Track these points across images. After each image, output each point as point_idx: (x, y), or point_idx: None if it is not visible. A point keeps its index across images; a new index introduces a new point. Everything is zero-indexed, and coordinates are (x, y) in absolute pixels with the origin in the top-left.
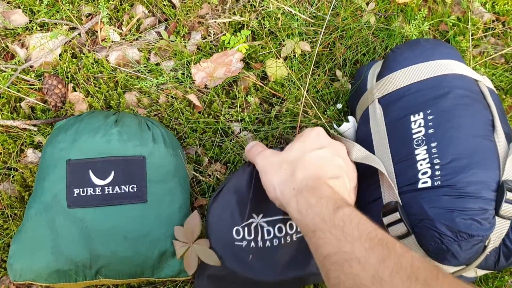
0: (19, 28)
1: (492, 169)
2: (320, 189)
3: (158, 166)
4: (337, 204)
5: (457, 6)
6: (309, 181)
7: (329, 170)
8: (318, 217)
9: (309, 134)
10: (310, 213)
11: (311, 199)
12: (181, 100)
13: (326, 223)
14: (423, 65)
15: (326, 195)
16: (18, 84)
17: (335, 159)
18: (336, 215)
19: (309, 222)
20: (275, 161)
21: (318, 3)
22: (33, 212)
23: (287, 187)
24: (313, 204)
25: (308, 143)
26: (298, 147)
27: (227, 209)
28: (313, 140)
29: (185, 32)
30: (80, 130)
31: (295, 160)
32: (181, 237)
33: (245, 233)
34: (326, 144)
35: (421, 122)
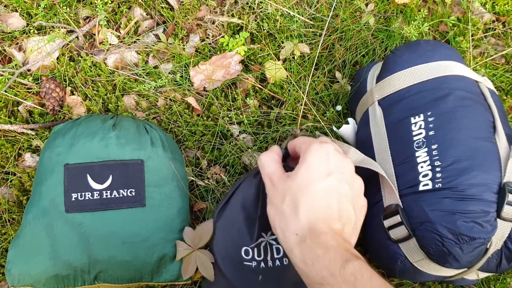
0: (16, 32)
1: (493, 171)
2: (325, 236)
3: (156, 169)
4: (346, 257)
5: (457, 7)
6: (313, 226)
7: (335, 208)
8: (326, 271)
9: (317, 155)
10: (317, 265)
11: (317, 249)
12: (179, 103)
13: (336, 277)
14: (423, 66)
15: (333, 246)
16: (15, 88)
17: (342, 188)
18: (346, 269)
19: (316, 274)
20: (280, 192)
21: (317, 4)
22: (31, 217)
23: (290, 232)
24: (320, 256)
25: (314, 168)
26: (303, 173)
27: (234, 227)
28: (320, 163)
29: (183, 34)
30: (77, 134)
31: (299, 192)
32: (188, 239)
33: (254, 253)
34: (334, 169)
35: (421, 124)
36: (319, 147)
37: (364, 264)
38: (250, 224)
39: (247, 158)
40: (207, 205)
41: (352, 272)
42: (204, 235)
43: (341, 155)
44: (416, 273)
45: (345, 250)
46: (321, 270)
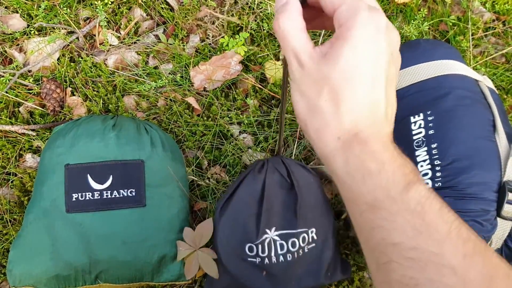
0: (17, 33)
1: (493, 170)
2: (377, 146)
3: (156, 170)
4: (408, 178)
5: (457, 6)
6: (360, 130)
7: (383, 104)
8: (382, 192)
9: (366, 30)
10: (369, 182)
11: (369, 163)
12: (180, 103)
13: (396, 202)
14: (423, 65)
15: (389, 161)
16: (16, 89)
17: (391, 73)
18: (410, 194)
19: (366, 193)
20: (314, 79)
21: None
22: (32, 217)
23: (330, 135)
24: (373, 172)
25: (363, 49)
26: (349, 56)
27: (238, 223)
28: (371, 43)
29: (183, 35)
30: (78, 134)
31: (342, 83)
32: (188, 240)
33: (258, 250)
34: (385, 50)
35: (421, 123)
36: (369, 19)
37: (431, 191)
38: (254, 220)
39: (248, 158)
40: (207, 205)
41: (417, 199)
42: (205, 234)
43: (392, 27)
44: None
45: (406, 168)
46: (374, 189)
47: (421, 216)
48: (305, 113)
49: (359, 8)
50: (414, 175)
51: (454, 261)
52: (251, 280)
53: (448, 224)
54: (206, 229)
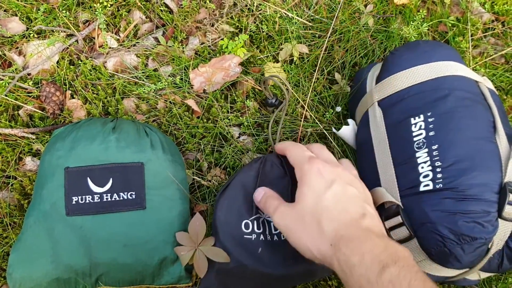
0: (16, 36)
1: (494, 171)
2: (358, 241)
3: (156, 172)
4: (382, 263)
5: (456, 7)
6: (341, 232)
7: (352, 208)
8: (364, 279)
9: (311, 174)
10: (355, 274)
11: (353, 257)
12: (179, 106)
13: (373, 285)
14: (423, 67)
15: (369, 251)
16: (16, 92)
17: (348, 190)
18: (383, 277)
19: (354, 283)
20: (296, 217)
21: (316, 6)
22: (32, 220)
23: (324, 246)
24: (356, 264)
25: (315, 185)
26: (308, 194)
27: (235, 204)
28: (318, 179)
29: (182, 37)
30: (78, 137)
31: (314, 210)
32: (185, 242)
33: (254, 226)
34: (332, 177)
35: (421, 125)
36: (310, 168)
37: (402, 269)
38: (248, 201)
39: (248, 160)
40: (208, 207)
41: (389, 279)
42: (199, 230)
43: (330, 165)
44: None
45: (381, 255)
46: (359, 278)
47: None
48: (304, 239)
49: (303, 163)
50: (390, 259)
51: None
52: (246, 256)
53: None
54: (199, 224)
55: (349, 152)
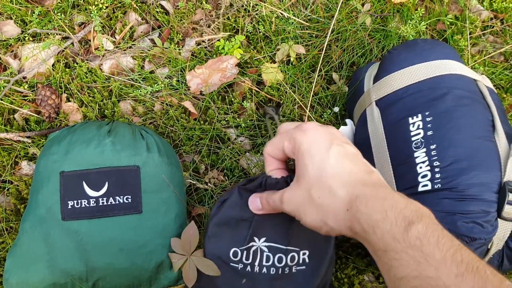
0: (11, 39)
1: (493, 170)
2: (376, 198)
3: (152, 175)
4: (407, 220)
5: (455, 5)
6: (356, 192)
7: (358, 167)
8: (389, 236)
9: (307, 141)
10: (378, 231)
11: (375, 215)
12: (176, 108)
13: (400, 242)
14: (421, 65)
15: (390, 207)
16: (11, 95)
17: (347, 148)
18: (410, 233)
19: (378, 241)
20: (302, 195)
21: (313, 5)
22: (28, 225)
23: (340, 212)
24: (380, 221)
25: (314, 151)
26: (309, 164)
27: (228, 226)
28: (314, 144)
29: (179, 38)
30: (73, 141)
31: (320, 180)
32: (178, 249)
33: (243, 256)
34: (328, 137)
35: (419, 124)
36: (302, 134)
37: (429, 225)
38: (244, 225)
39: (245, 162)
40: (205, 210)
41: (416, 235)
42: (192, 239)
43: (321, 126)
44: None
45: (405, 211)
46: (383, 235)
47: (420, 249)
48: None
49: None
50: (415, 215)
51: (448, 281)
52: (229, 285)
53: (443, 252)
54: (192, 233)
55: None
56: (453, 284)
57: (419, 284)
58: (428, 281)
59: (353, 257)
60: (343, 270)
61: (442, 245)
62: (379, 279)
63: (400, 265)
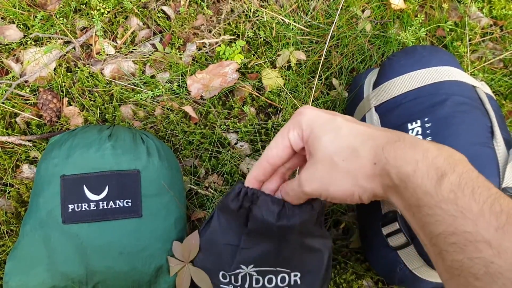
0: (13, 43)
1: (491, 176)
2: (405, 147)
3: (153, 179)
4: (440, 171)
5: (454, 11)
6: (381, 144)
7: (371, 126)
8: (420, 190)
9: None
10: (410, 186)
11: (405, 167)
12: (177, 112)
13: (433, 197)
14: (420, 72)
15: (421, 157)
16: (13, 99)
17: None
18: (443, 186)
19: (410, 196)
20: (324, 166)
21: (313, 12)
22: (28, 228)
23: (368, 169)
24: (410, 174)
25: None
26: (322, 137)
27: (215, 248)
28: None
29: (180, 43)
30: (74, 145)
31: (339, 146)
32: (178, 254)
33: (232, 279)
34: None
35: (418, 130)
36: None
37: (463, 175)
38: (230, 251)
39: (245, 166)
40: (205, 214)
41: (450, 189)
42: (192, 248)
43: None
44: (415, 280)
45: (437, 158)
46: (414, 190)
47: (454, 202)
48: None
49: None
50: (447, 164)
51: (487, 235)
52: None
53: (480, 203)
54: (193, 242)
55: None
56: (494, 238)
57: (457, 240)
58: (466, 237)
59: (352, 262)
60: (341, 275)
61: (478, 195)
62: (377, 284)
63: (435, 221)
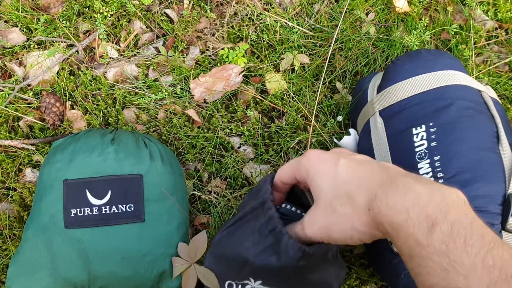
0: (16, 47)
1: (497, 182)
2: (396, 193)
3: (155, 184)
4: (431, 219)
5: (459, 14)
6: (375, 191)
7: (372, 169)
8: (412, 240)
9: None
10: (402, 235)
11: (396, 216)
12: (180, 116)
13: (424, 247)
14: (425, 76)
15: (411, 204)
16: (16, 103)
17: (356, 157)
18: (434, 236)
19: (402, 245)
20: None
21: (317, 15)
22: (30, 233)
23: (363, 215)
24: (401, 224)
25: (323, 170)
26: (322, 182)
27: (223, 260)
28: (322, 164)
29: (183, 47)
30: (76, 149)
31: (336, 192)
32: (184, 255)
33: None
34: (334, 155)
35: (423, 135)
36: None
37: (455, 223)
38: (240, 263)
39: (249, 170)
40: (208, 219)
41: (441, 239)
42: (200, 247)
43: (326, 151)
44: None
45: (429, 204)
46: (407, 239)
47: (446, 255)
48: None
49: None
50: (439, 212)
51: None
52: None
53: (472, 256)
54: (201, 242)
55: None
56: None
57: None
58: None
59: (356, 267)
60: (346, 281)
61: (470, 247)
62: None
63: (427, 273)
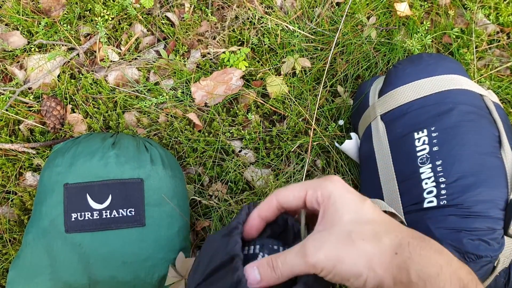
0: (17, 50)
1: (499, 187)
2: (430, 249)
3: (156, 188)
4: (463, 282)
5: (461, 18)
6: (406, 239)
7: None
8: None
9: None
10: (430, 287)
11: (429, 268)
12: (181, 119)
13: None
14: (426, 80)
15: (446, 263)
16: (16, 106)
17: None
18: None
19: None
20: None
21: (318, 19)
22: (31, 237)
23: (386, 258)
24: (433, 276)
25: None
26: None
27: None
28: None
29: (184, 50)
30: (77, 153)
31: (360, 224)
32: (178, 266)
33: None
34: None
35: (425, 140)
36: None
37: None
38: None
39: (250, 174)
40: (210, 224)
41: None
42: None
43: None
44: None
45: (460, 269)
46: None
47: None
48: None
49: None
50: (470, 280)
51: None
52: None
53: None
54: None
55: (352, 166)
56: None
57: None
58: None
59: None
60: None
61: None
62: None
63: None
